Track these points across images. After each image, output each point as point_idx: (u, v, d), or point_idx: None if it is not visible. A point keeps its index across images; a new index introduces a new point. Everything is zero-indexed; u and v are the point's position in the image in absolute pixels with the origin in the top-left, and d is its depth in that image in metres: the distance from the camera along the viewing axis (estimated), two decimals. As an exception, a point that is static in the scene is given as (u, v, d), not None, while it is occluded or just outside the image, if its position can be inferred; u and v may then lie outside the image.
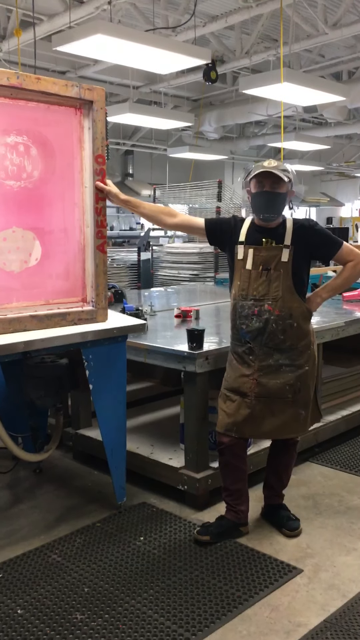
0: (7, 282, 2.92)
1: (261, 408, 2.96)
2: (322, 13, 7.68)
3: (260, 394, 2.95)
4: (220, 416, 3.06)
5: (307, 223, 3.02)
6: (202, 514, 3.34)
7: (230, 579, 2.74)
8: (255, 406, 2.96)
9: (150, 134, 14.71)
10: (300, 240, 2.95)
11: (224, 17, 7.51)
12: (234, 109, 11.74)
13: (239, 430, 3.00)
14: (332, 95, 7.59)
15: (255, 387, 2.95)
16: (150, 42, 5.51)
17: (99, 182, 3.08)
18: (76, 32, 5.49)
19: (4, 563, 2.88)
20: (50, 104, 2.97)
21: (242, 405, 2.97)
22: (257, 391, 2.95)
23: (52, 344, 2.93)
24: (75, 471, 3.93)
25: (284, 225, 2.99)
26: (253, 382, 2.95)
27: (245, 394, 2.97)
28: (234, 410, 2.99)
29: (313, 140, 12.09)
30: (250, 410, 2.96)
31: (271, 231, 2.99)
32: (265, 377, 2.95)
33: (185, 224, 3.22)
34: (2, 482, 3.77)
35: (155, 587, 2.68)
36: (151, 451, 3.71)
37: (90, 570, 2.81)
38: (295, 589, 2.69)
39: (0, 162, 2.83)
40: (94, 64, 9.47)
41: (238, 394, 2.99)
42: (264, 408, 2.97)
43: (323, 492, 3.62)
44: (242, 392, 2.98)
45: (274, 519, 3.22)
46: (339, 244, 2.98)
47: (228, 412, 3.01)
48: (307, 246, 2.96)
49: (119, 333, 3.18)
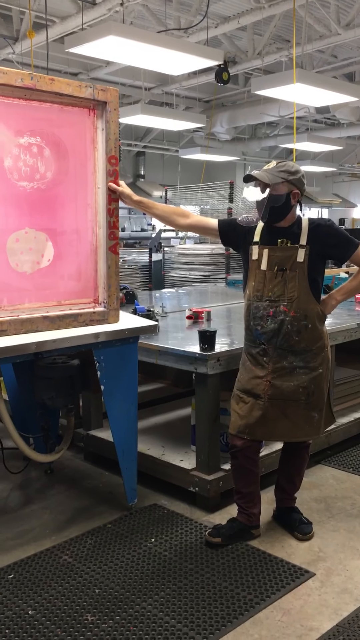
0: (19, 282, 2.93)
1: (274, 410, 2.95)
2: (334, 13, 7.65)
3: (273, 396, 2.93)
4: (232, 418, 3.04)
5: (323, 222, 2.97)
6: (213, 516, 3.33)
7: (242, 581, 2.72)
8: (268, 408, 2.94)
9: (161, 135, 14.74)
10: (315, 240, 2.91)
11: (236, 18, 7.52)
12: (246, 110, 11.73)
13: (252, 432, 2.98)
14: (345, 96, 7.55)
15: (269, 389, 2.93)
16: (162, 44, 5.51)
17: (111, 183, 3.08)
18: (89, 33, 5.50)
19: (15, 563, 2.89)
20: (64, 105, 2.97)
21: (255, 406, 2.96)
22: (271, 393, 2.93)
23: (63, 344, 2.92)
24: (86, 472, 3.93)
25: (299, 224, 2.95)
26: (267, 383, 2.94)
27: (259, 395, 2.95)
28: (247, 412, 2.97)
29: (325, 141, 12.04)
30: (263, 412, 2.94)
31: (286, 231, 2.95)
32: (279, 379, 2.93)
33: (198, 225, 3.20)
34: (14, 482, 3.78)
35: (166, 589, 2.67)
36: (162, 452, 3.70)
37: (101, 572, 2.81)
38: (308, 592, 2.67)
39: (14, 163, 2.84)
40: (106, 66, 9.51)
41: (251, 396, 2.97)
42: (277, 410, 2.95)
43: (335, 495, 3.59)
44: (255, 394, 2.96)
45: (286, 521, 3.20)
46: (355, 244, 2.93)
47: (241, 413, 2.99)
48: (323, 246, 2.92)
49: (130, 334, 3.17)
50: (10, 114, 2.81)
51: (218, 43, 9.03)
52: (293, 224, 2.95)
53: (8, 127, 2.80)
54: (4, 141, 2.80)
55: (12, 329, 2.86)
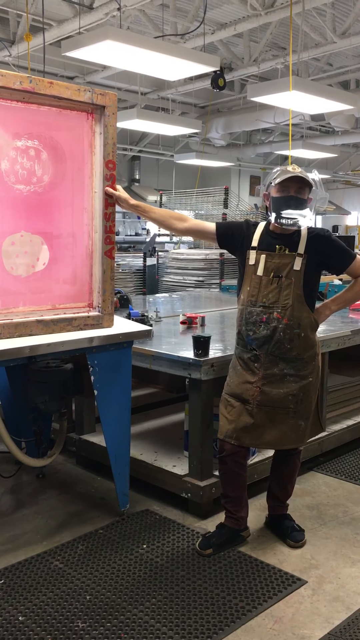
0: (14, 286, 2.92)
1: (262, 417, 2.94)
2: (330, 22, 7.70)
3: (262, 403, 2.93)
4: (221, 422, 3.03)
5: (322, 232, 2.98)
6: (205, 522, 3.32)
7: (234, 589, 2.71)
8: (256, 415, 2.93)
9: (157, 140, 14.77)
10: (314, 249, 2.91)
11: (232, 24, 7.55)
12: (241, 116, 11.77)
13: (239, 438, 2.97)
14: (340, 104, 7.60)
15: (258, 395, 2.93)
16: (159, 49, 5.52)
17: (108, 187, 3.07)
18: (86, 37, 5.51)
19: (6, 569, 2.87)
20: (62, 109, 2.97)
21: (243, 411, 2.95)
22: (260, 399, 2.93)
23: (57, 349, 2.91)
24: (78, 477, 3.91)
25: (299, 233, 2.95)
26: (256, 389, 2.93)
27: (247, 400, 2.94)
28: (235, 417, 2.96)
29: (320, 149, 12.11)
30: (250, 419, 2.94)
31: (285, 238, 2.95)
32: (269, 386, 2.93)
33: (195, 229, 3.19)
34: (5, 486, 3.76)
35: (157, 596, 2.66)
36: (155, 458, 3.69)
37: (93, 578, 2.79)
38: (300, 600, 2.67)
39: (11, 166, 2.83)
40: (102, 70, 9.52)
41: (239, 400, 2.97)
42: (264, 417, 2.94)
43: (327, 502, 3.59)
44: (243, 399, 2.95)
45: (278, 529, 3.19)
46: (352, 256, 2.94)
47: (229, 418, 2.98)
48: (321, 256, 2.93)
49: (124, 339, 3.16)
50: (8, 117, 2.80)
51: (214, 49, 9.06)
52: (294, 232, 2.96)
53: (6, 129, 2.80)
54: (1, 144, 2.79)
55: (6, 332, 2.84)
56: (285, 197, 2.88)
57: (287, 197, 2.88)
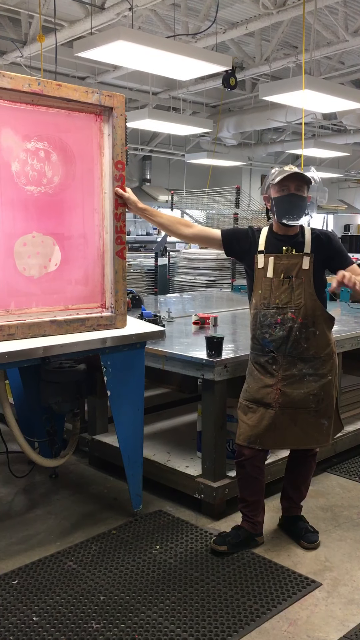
0: (26, 287, 2.92)
1: (285, 418, 2.93)
2: (342, 20, 7.66)
3: (284, 404, 2.92)
4: (241, 428, 3.01)
5: (327, 232, 3.04)
6: (218, 524, 3.30)
7: (248, 591, 2.70)
8: (279, 417, 2.93)
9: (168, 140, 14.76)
10: (319, 249, 2.96)
11: (244, 24, 7.52)
12: (253, 115, 11.74)
13: (262, 442, 2.96)
14: (352, 103, 7.55)
15: (279, 397, 2.92)
16: (171, 49, 5.52)
17: (118, 188, 3.07)
18: (98, 38, 5.51)
19: (20, 569, 2.87)
20: (71, 110, 2.97)
21: (265, 416, 2.94)
22: (282, 401, 2.92)
23: (71, 349, 2.91)
24: (90, 477, 3.91)
25: (303, 234, 3.00)
26: (277, 392, 2.92)
27: (269, 404, 2.93)
28: (257, 422, 2.95)
29: (332, 147, 12.05)
30: (273, 421, 2.93)
31: (291, 239, 2.98)
32: (289, 387, 2.92)
33: (201, 235, 3.19)
34: (18, 486, 3.77)
35: (171, 597, 2.65)
36: (168, 458, 3.68)
37: (106, 579, 2.79)
38: (314, 602, 2.65)
39: (21, 168, 2.83)
40: (114, 70, 9.53)
41: (261, 405, 2.95)
42: (287, 419, 2.94)
43: (342, 504, 3.56)
44: (265, 403, 2.94)
45: (292, 530, 3.18)
46: (351, 260, 3.01)
47: (250, 423, 2.97)
48: (325, 255, 2.97)
49: (137, 339, 3.16)
50: (18, 119, 2.81)
51: (226, 48, 9.04)
52: (297, 232, 2.99)
53: (16, 131, 2.80)
54: (12, 146, 2.80)
55: (20, 333, 2.85)
56: (286, 195, 2.91)
57: (287, 195, 2.91)
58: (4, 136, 2.77)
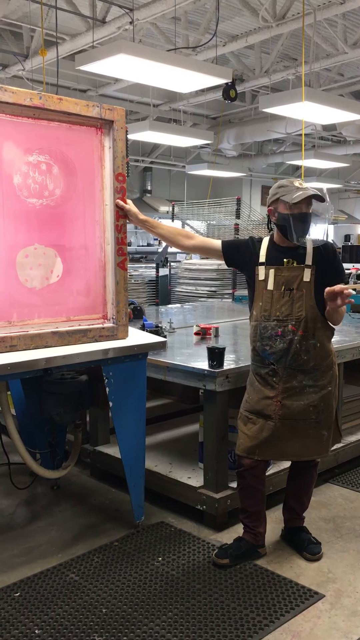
0: (28, 298, 2.93)
1: (284, 430, 2.93)
2: (342, 33, 7.72)
3: (284, 416, 2.92)
4: (241, 439, 3.02)
5: (328, 245, 3.02)
6: (220, 535, 3.29)
7: (251, 602, 2.69)
8: (278, 429, 2.93)
9: (169, 151, 14.84)
10: (319, 261, 2.95)
11: (244, 36, 7.59)
12: (253, 126, 11.81)
13: (262, 453, 2.96)
14: (351, 114, 7.60)
15: (279, 409, 2.92)
16: (171, 62, 5.56)
17: (119, 200, 3.09)
18: (99, 51, 5.56)
19: (22, 581, 2.86)
20: (72, 124, 3.00)
21: (264, 427, 2.94)
22: (281, 413, 2.92)
23: (73, 360, 2.92)
24: (92, 488, 3.90)
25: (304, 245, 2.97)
26: (277, 404, 2.92)
27: (269, 416, 2.93)
28: (256, 433, 2.95)
29: (332, 158, 12.10)
30: (273, 433, 2.93)
31: (292, 251, 2.97)
32: (289, 399, 2.92)
33: (202, 246, 3.20)
34: (20, 498, 3.76)
35: (174, 609, 2.64)
36: (170, 469, 3.68)
37: (108, 591, 2.77)
38: (317, 614, 2.63)
39: (23, 181, 2.86)
40: (115, 83, 9.61)
41: (261, 417, 2.95)
42: (287, 430, 2.93)
43: (344, 514, 3.55)
44: (265, 415, 2.94)
45: (295, 541, 3.17)
46: (344, 278, 3.03)
47: (250, 434, 2.97)
48: (325, 267, 2.96)
49: (139, 350, 3.17)
50: (20, 133, 2.84)
51: (226, 61, 9.12)
52: (299, 244, 2.96)
53: (17, 145, 2.83)
54: (14, 159, 2.82)
55: (22, 344, 2.86)
56: (301, 214, 2.86)
57: (302, 215, 2.87)
58: (6, 149, 2.79)
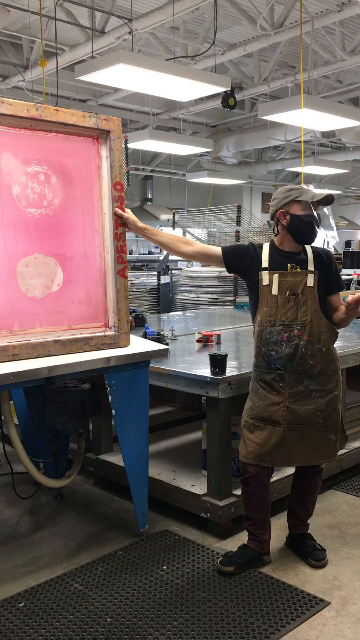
0: (30, 307, 2.94)
1: (292, 435, 2.93)
2: (339, 40, 7.76)
3: (292, 421, 2.92)
4: (249, 447, 2.99)
5: (327, 252, 3.08)
6: (225, 543, 3.28)
7: (256, 610, 2.67)
8: (287, 434, 2.92)
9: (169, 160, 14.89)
10: (320, 267, 2.98)
11: (242, 45, 7.63)
12: (252, 134, 11.85)
13: (272, 459, 2.96)
14: (350, 120, 7.63)
15: (287, 414, 2.92)
16: (170, 71, 5.60)
17: (117, 208, 3.11)
18: (98, 62, 5.60)
19: (26, 591, 2.85)
20: (69, 134, 3.02)
21: (273, 433, 2.93)
22: (289, 418, 2.92)
23: (75, 369, 2.92)
24: (96, 497, 3.89)
25: (305, 251, 3.01)
26: (284, 409, 2.92)
27: (277, 422, 2.93)
28: (265, 439, 2.94)
29: (331, 165, 12.14)
30: (282, 439, 2.92)
31: (294, 257, 2.99)
32: (296, 404, 2.92)
33: (202, 253, 3.20)
34: (24, 507, 3.75)
35: (179, 618, 2.62)
36: (173, 477, 3.67)
37: (113, 600, 2.76)
38: (323, 622, 2.62)
39: (22, 191, 2.87)
40: (114, 92, 9.65)
41: (269, 423, 2.94)
42: (295, 435, 2.93)
43: (349, 521, 3.54)
44: (273, 421, 2.94)
45: (299, 548, 3.15)
46: (342, 285, 3.09)
47: (258, 441, 2.95)
48: (326, 273, 3.00)
49: (141, 358, 3.17)
50: (18, 144, 2.86)
51: (224, 69, 9.16)
52: (301, 250, 3.00)
53: (16, 156, 2.85)
54: (12, 170, 2.84)
55: (24, 353, 2.86)
56: (311, 215, 2.93)
57: (311, 215, 2.93)
58: (4, 160, 2.81)
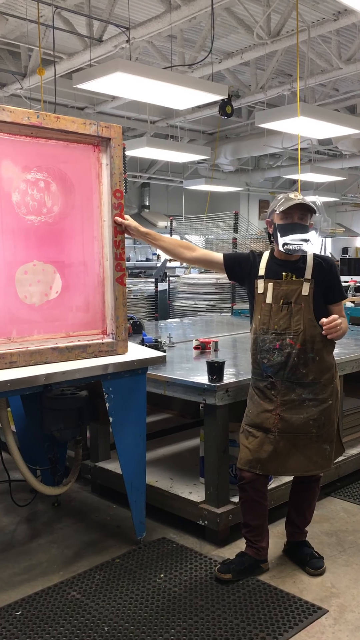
0: (28, 314, 2.94)
1: (285, 444, 2.93)
2: (336, 49, 7.81)
3: (284, 430, 2.92)
4: (242, 452, 3.01)
5: (329, 260, 3.06)
6: (222, 550, 3.27)
7: (254, 619, 2.66)
8: (279, 442, 2.92)
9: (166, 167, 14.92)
10: (320, 275, 2.96)
11: (239, 53, 7.67)
12: (249, 142, 11.90)
13: (263, 467, 2.95)
14: (347, 128, 7.67)
15: (279, 422, 2.92)
16: (168, 79, 5.62)
17: (117, 216, 3.12)
18: (96, 70, 5.62)
19: (23, 600, 2.84)
20: (69, 142, 3.03)
21: (265, 441, 2.94)
22: (281, 427, 2.92)
23: (73, 376, 2.92)
24: (93, 505, 3.88)
25: (304, 259, 3.00)
26: (276, 417, 2.92)
27: (269, 429, 2.93)
28: (257, 446, 2.95)
29: (328, 172, 12.19)
30: (274, 447, 2.92)
31: (291, 264, 2.99)
32: (289, 412, 2.92)
33: (204, 259, 3.22)
34: (21, 515, 3.74)
35: (176, 626, 2.62)
36: (171, 485, 3.66)
37: (110, 609, 2.75)
38: (321, 630, 2.61)
39: (22, 198, 2.88)
40: (112, 100, 9.69)
41: (261, 430, 2.95)
42: (287, 444, 2.93)
43: (346, 528, 3.53)
44: (265, 428, 2.94)
45: (297, 556, 3.15)
46: (344, 295, 3.08)
47: (251, 448, 2.96)
48: (325, 282, 2.98)
49: (139, 365, 3.17)
50: (18, 151, 2.86)
51: (221, 77, 9.21)
52: (299, 258, 3.00)
53: (15, 163, 2.86)
54: (12, 177, 2.85)
55: (22, 360, 2.86)
56: (289, 224, 2.92)
57: (290, 224, 2.92)
58: (4, 167, 2.82)
